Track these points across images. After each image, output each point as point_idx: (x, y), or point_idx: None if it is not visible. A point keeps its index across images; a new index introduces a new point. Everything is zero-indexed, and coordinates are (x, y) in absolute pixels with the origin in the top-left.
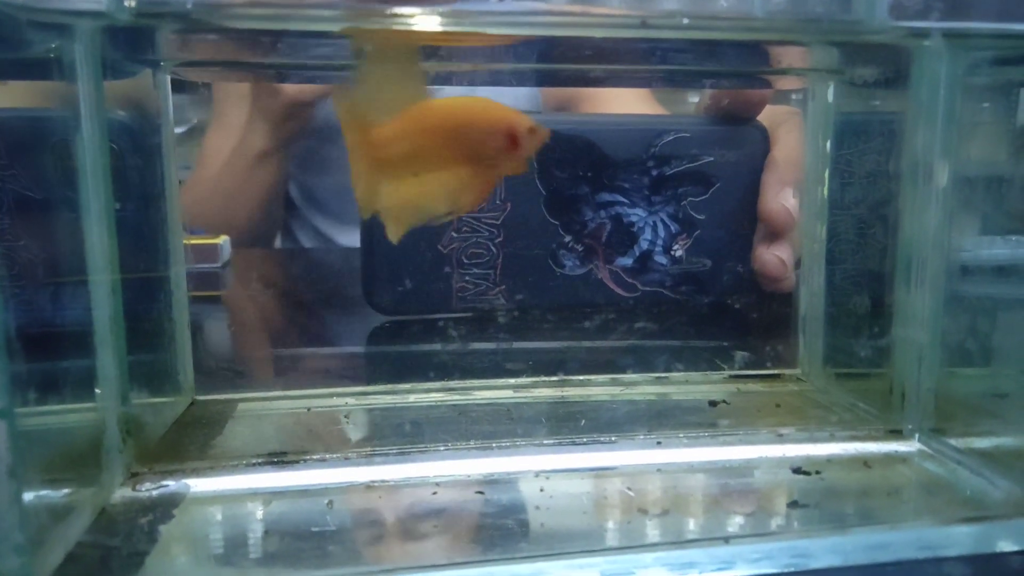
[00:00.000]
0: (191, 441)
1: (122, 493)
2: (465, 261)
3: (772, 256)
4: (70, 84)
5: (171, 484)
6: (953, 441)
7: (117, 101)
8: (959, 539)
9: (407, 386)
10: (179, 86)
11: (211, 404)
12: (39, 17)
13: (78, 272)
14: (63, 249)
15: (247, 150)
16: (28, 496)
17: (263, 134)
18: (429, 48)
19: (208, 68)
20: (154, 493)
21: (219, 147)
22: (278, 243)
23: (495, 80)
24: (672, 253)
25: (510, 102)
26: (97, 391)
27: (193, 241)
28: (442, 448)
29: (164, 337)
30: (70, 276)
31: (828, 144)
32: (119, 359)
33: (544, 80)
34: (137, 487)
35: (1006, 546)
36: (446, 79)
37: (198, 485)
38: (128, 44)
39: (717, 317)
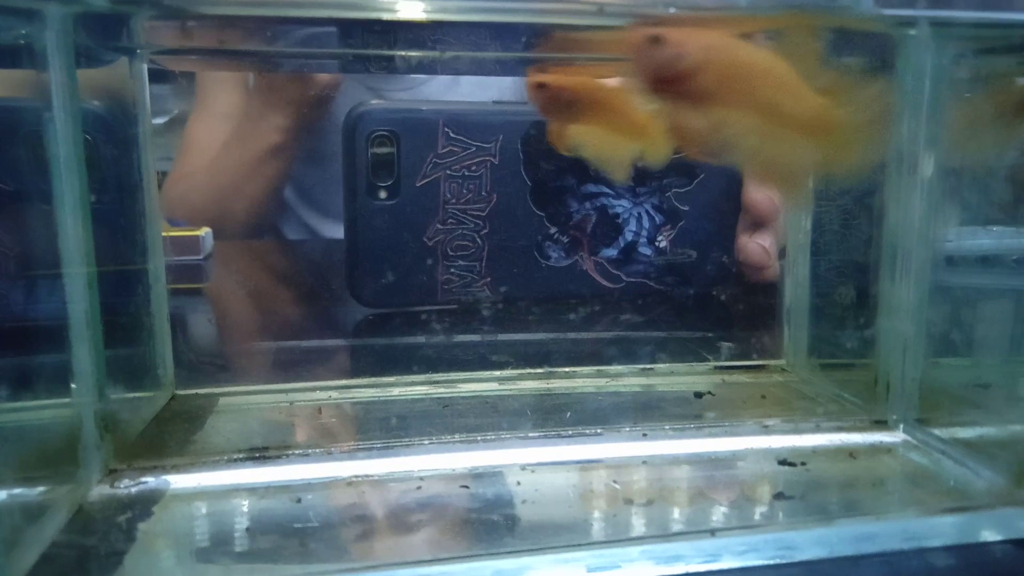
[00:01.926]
0: (171, 436)
1: (100, 490)
2: (450, 253)
3: (756, 245)
4: (41, 73)
5: (150, 481)
6: (937, 431)
7: (91, 90)
8: (943, 529)
9: (391, 379)
10: (160, 75)
11: (192, 399)
12: (7, 2)
13: (52, 265)
14: (37, 242)
15: (255, 140)
16: (0, 495)
17: (277, 125)
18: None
19: (187, 56)
20: (133, 490)
21: (208, 137)
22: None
23: (480, 68)
24: (657, 244)
25: (495, 92)
26: (73, 386)
27: (173, 233)
28: (426, 442)
29: (143, 331)
30: (44, 269)
31: None
32: (96, 354)
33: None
34: (115, 484)
35: (989, 535)
36: (430, 67)
37: (178, 481)
38: (102, 31)
39: (702, 308)
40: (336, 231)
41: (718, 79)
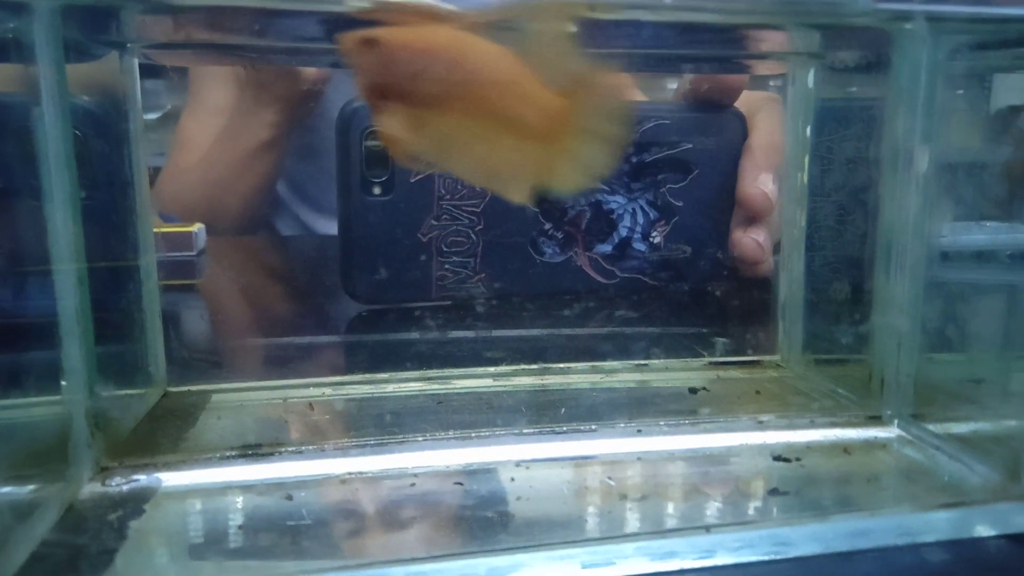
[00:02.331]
0: (163, 434)
1: (91, 488)
2: (445, 249)
3: (750, 239)
4: (30, 67)
5: (142, 478)
6: (932, 427)
7: (81, 85)
8: (938, 525)
9: (385, 376)
10: (154, 70)
11: (184, 396)
12: None
13: (42, 262)
14: (26, 238)
15: (246, 137)
16: None
17: (267, 121)
18: None
19: (179, 51)
20: (124, 488)
21: (202, 132)
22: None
23: None
24: (651, 240)
25: None
26: (63, 383)
27: (165, 229)
28: (420, 439)
29: (134, 328)
30: (33, 266)
31: (808, 130)
32: (86, 351)
33: None
34: (107, 482)
35: (984, 531)
36: None
37: (170, 479)
38: (92, 24)
39: (697, 304)
40: (330, 227)
41: (443, 84)
